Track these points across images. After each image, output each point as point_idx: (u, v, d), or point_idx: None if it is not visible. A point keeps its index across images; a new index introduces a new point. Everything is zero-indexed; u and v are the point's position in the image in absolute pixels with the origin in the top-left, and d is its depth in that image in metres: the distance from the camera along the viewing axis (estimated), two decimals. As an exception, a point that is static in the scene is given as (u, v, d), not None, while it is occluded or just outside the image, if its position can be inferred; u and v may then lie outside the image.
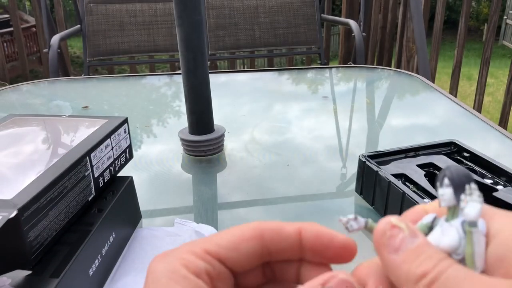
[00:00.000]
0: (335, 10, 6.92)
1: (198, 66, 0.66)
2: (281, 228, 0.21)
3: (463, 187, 0.19)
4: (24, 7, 8.61)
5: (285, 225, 0.22)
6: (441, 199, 0.19)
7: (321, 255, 0.21)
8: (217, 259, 0.20)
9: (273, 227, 0.21)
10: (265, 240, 0.21)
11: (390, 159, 0.57)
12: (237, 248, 0.21)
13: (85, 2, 1.73)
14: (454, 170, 0.19)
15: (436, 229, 0.19)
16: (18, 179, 0.37)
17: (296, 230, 0.21)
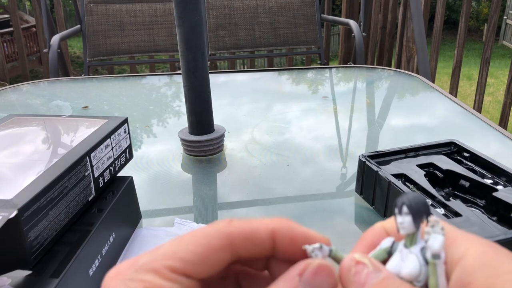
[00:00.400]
0: (335, 10, 6.93)
1: (198, 66, 0.66)
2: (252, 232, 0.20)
3: (422, 215, 0.19)
4: (24, 7, 8.61)
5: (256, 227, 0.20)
6: (400, 226, 0.19)
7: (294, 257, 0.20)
8: (184, 275, 0.19)
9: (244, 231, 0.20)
10: (235, 248, 0.20)
11: (390, 159, 0.57)
12: (205, 262, 0.19)
13: (85, 2, 1.73)
14: (412, 198, 0.19)
15: (396, 255, 0.20)
16: (18, 179, 0.37)
17: (269, 234, 0.20)
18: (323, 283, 0.19)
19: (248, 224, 0.20)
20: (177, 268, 0.18)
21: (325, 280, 0.19)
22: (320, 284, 0.19)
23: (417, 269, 0.18)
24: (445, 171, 0.54)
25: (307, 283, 0.19)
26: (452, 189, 0.53)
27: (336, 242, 0.50)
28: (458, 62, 2.47)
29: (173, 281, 0.18)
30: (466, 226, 0.44)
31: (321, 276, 0.19)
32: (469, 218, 0.45)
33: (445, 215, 0.47)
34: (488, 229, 0.44)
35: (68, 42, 3.53)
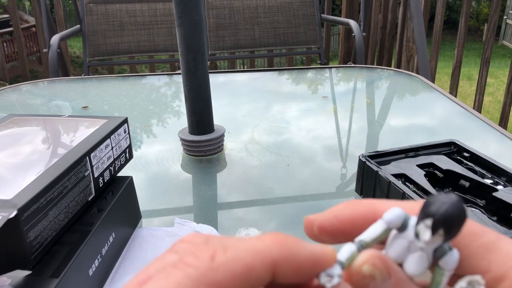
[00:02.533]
0: (335, 10, 6.93)
1: (198, 66, 0.66)
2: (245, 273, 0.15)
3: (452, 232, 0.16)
4: (24, 7, 8.61)
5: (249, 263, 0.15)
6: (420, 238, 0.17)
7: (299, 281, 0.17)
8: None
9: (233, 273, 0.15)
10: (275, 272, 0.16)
11: (390, 159, 0.57)
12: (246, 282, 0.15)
13: (85, 2, 1.73)
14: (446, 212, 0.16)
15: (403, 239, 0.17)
16: (18, 179, 0.37)
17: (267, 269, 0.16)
18: None
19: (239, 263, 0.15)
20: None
21: None
22: None
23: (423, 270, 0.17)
24: (445, 171, 0.54)
25: None
26: (452, 189, 0.53)
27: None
28: (458, 62, 2.47)
29: None
30: (466, 226, 0.44)
31: None
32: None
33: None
34: (488, 229, 0.44)
35: (68, 42, 3.53)
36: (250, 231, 0.50)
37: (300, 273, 0.16)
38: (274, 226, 0.54)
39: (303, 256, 0.16)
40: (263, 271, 0.16)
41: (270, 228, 0.53)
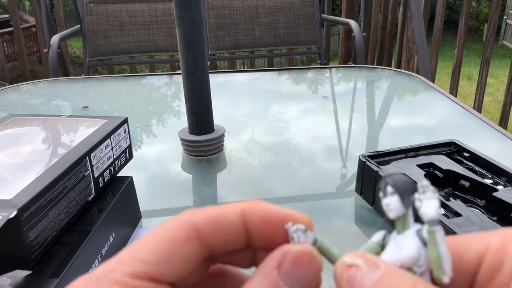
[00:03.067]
0: (335, 10, 6.93)
1: (198, 66, 0.66)
2: (219, 217, 0.17)
3: (409, 192, 0.17)
4: (24, 7, 8.61)
5: (224, 212, 0.17)
6: (388, 209, 0.17)
7: (272, 241, 0.17)
8: (149, 280, 0.16)
9: (211, 218, 0.17)
10: (203, 238, 0.17)
11: (390, 159, 0.57)
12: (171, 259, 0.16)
13: (85, 2, 1.73)
14: (396, 178, 0.17)
15: (390, 245, 0.17)
16: (18, 179, 0.37)
17: (239, 216, 0.17)
18: (306, 272, 0.16)
19: (213, 210, 0.18)
20: (138, 272, 0.16)
21: (308, 268, 0.16)
22: (303, 274, 0.16)
23: (415, 252, 0.16)
24: (445, 171, 0.54)
25: (287, 275, 0.16)
26: (452, 189, 0.53)
27: (336, 242, 0.50)
28: (458, 62, 2.47)
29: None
30: (466, 226, 0.44)
31: (302, 264, 0.16)
32: (469, 218, 0.45)
33: (445, 215, 0.47)
34: (488, 229, 0.44)
35: (68, 42, 3.53)
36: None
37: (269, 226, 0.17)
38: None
39: (270, 210, 0.18)
40: (234, 217, 0.17)
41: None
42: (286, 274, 0.16)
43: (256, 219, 0.17)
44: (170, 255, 0.16)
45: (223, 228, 0.17)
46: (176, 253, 0.16)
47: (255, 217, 0.18)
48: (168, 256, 0.16)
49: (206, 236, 0.17)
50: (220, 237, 0.17)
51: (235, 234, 0.17)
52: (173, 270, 0.16)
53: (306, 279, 0.16)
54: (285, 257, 0.16)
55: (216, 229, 0.17)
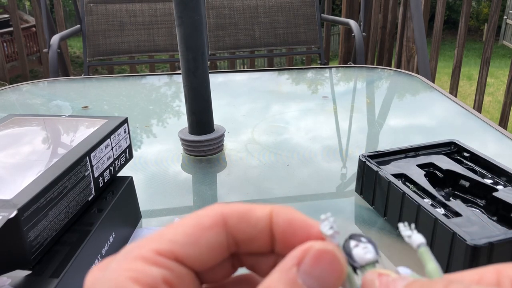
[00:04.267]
0: (335, 10, 6.92)
1: (198, 66, 0.66)
2: (249, 211, 0.17)
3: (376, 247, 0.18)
4: (24, 7, 8.61)
5: (254, 208, 0.18)
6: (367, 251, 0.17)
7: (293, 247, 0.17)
8: (174, 259, 0.16)
9: (239, 211, 0.17)
10: (230, 227, 0.17)
11: (390, 159, 0.57)
12: (196, 242, 0.17)
13: (85, 2, 1.73)
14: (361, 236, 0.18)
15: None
16: (18, 179, 0.37)
17: (267, 214, 0.17)
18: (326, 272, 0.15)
19: (244, 205, 0.18)
20: (164, 250, 0.16)
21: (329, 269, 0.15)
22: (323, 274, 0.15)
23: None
24: (445, 171, 0.54)
25: (306, 274, 0.15)
26: (452, 189, 0.53)
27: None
28: (458, 62, 2.47)
29: (160, 266, 0.16)
30: (466, 226, 0.44)
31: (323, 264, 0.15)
32: (469, 218, 0.45)
33: (445, 215, 0.47)
34: (488, 229, 0.44)
35: (68, 42, 3.53)
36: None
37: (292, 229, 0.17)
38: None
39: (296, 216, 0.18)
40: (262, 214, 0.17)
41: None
42: (305, 273, 0.15)
43: (281, 221, 0.17)
44: (196, 238, 0.17)
45: (249, 221, 0.17)
46: (202, 237, 0.17)
47: (280, 218, 0.17)
48: (194, 239, 0.17)
49: (233, 226, 0.17)
50: (246, 230, 0.17)
51: (260, 230, 0.17)
52: (197, 253, 0.17)
53: (327, 281, 0.16)
54: (306, 254, 0.16)
55: (243, 221, 0.17)
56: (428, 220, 0.45)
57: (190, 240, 0.17)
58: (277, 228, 0.17)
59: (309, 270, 0.15)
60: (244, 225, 0.17)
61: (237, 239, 0.17)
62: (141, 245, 0.16)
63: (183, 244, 0.16)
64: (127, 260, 0.16)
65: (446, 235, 0.42)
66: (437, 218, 0.44)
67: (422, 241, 0.18)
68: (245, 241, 0.18)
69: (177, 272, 0.16)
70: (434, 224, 0.44)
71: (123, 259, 0.16)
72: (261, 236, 0.17)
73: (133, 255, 0.16)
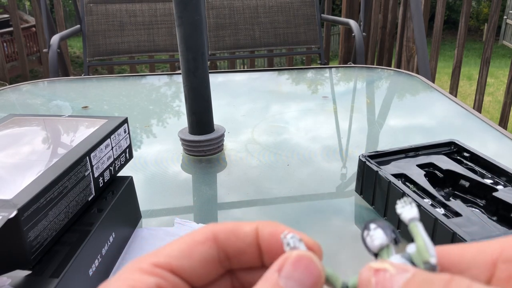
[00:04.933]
0: (335, 10, 6.93)
1: (198, 66, 0.66)
2: (237, 227, 0.20)
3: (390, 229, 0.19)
4: (24, 7, 8.61)
5: (241, 224, 0.20)
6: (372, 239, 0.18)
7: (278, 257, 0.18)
8: (169, 270, 0.18)
9: (228, 227, 0.20)
10: (220, 242, 0.19)
11: (390, 159, 0.57)
12: (190, 255, 0.19)
13: (85, 2, 1.73)
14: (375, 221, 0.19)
15: None
16: (18, 179, 0.37)
17: (253, 229, 0.19)
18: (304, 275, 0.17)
19: (233, 223, 0.20)
20: (160, 262, 0.18)
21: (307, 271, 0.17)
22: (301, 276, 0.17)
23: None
24: (445, 171, 0.54)
25: (287, 278, 0.17)
26: (452, 189, 0.53)
27: (336, 241, 0.50)
28: (458, 62, 2.47)
29: (156, 275, 0.18)
30: (466, 226, 0.44)
31: (301, 267, 0.17)
32: (469, 218, 0.45)
33: (445, 215, 0.47)
34: (488, 229, 0.44)
35: (68, 42, 3.53)
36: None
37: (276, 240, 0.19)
38: (274, 226, 0.54)
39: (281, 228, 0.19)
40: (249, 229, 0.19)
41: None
42: (286, 277, 0.17)
43: (266, 233, 0.19)
44: (189, 252, 0.19)
45: (237, 236, 0.19)
46: (195, 251, 0.19)
47: (265, 231, 0.19)
48: (188, 252, 0.19)
49: (223, 240, 0.19)
50: (235, 244, 0.19)
51: (248, 243, 0.19)
52: (191, 265, 0.18)
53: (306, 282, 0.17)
54: (286, 261, 0.17)
55: (232, 235, 0.19)
56: (428, 220, 0.45)
57: (184, 253, 0.19)
58: (263, 241, 0.19)
59: (289, 274, 0.17)
60: (233, 239, 0.19)
61: (228, 253, 0.19)
62: (140, 260, 0.19)
63: (178, 257, 0.18)
64: (127, 272, 0.18)
65: (446, 235, 0.42)
66: (437, 218, 0.44)
67: (413, 216, 0.18)
68: (235, 255, 0.19)
69: (172, 282, 0.18)
70: (434, 224, 0.44)
71: (123, 272, 0.18)
72: (250, 249, 0.19)
73: (133, 268, 0.18)
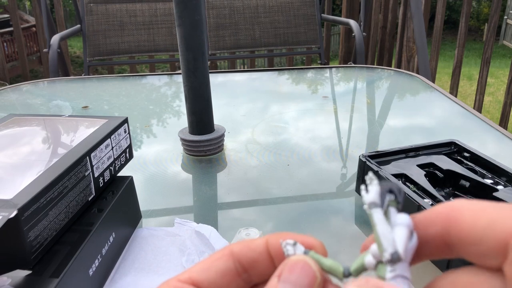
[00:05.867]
0: (335, 10, 6.93)
1: (198, 66, 0.66)
2: (249, 241, 0.22)
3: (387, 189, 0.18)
4: (24, 7, 8.61)
5: (255, 239, 0.22)
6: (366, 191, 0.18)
7: None
8: (191, 283, 0.20)
9: (242, 242, 0.22)
10: (235, 255, 0.21)
11: (390, 159, 0.57)
12: (208, 269, 0.21)
13: (85, 2, 1.73)
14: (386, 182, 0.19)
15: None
16: (18, 179, 0.37)
17: (264, 239, 0.21)
18: (300, 276, 0.19)
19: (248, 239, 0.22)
20: (183, 277, 0.21)
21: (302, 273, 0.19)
22: (297, 278, 0.19)
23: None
24: (446, 171, 0.54)
25: (285, 281, 0.19)
26: (452, 189, 0.53)
27: (336, 241, 0.50)
28: (459, 62, 2.47)
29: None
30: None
31: (297, 270, 0.19)
32: (469, 218, 0.45)
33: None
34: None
35: (68, 42, 3.53)
36: (250, 231, 0.50)
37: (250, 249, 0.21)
38: (274, 226, 0.54)
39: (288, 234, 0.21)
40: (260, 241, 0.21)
41: (269, 228, 0.53)
42: (284, 281, 0.19)
43: (275, 242, 0.21)
44: (208, 266, 0.21)
45: (250, 247, 0.21)
46: (213, 265, 0.21)
47: (274, 239, 0.21)
48: (207, 266, 0.21)
49: (237, 253, 0.21)
50: (248, 254, 0.21)
51: (259, 252, 0.21)
52: (210, 277, 0.20)
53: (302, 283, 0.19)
54: (284, 267, 0.19)
55: (245, 247, 0.21)
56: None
57: (203, 267, 0.21)
58: (273, 249, 0.21)
59: (286, 278, 0.19)
60: (246, 250, 0.21)
61: (243, 264, 0.21)
62: (169, 280, 0.21)
63: (198, 271, 0.21)
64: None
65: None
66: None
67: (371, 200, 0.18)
68: (250, 265, 0.21)
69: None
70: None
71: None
72: (262, 258, 0.21)
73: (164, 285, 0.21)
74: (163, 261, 0.46)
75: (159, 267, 0.45)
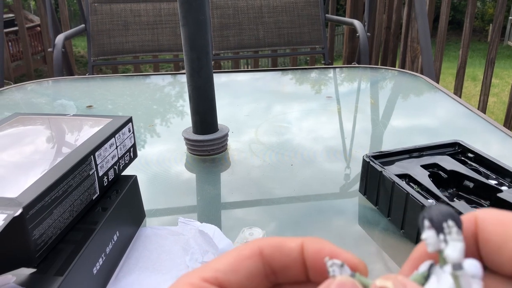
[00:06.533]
0: (339, 10, 6.92)
1: (202, 66, 0.66)
2: (281, 243, 0.20)
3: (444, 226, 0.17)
4: (29, 7, 8.64)
5: (286, 240, 0.20)
6: (427, 243, 0.17)
7: (324, 273, 0.19)
8: (217, 285, 0.19)
9: (273, 242, 0.20)
10: (265, 257, 0.20)
11: (394, 160, 0.57)
12: (237, 269, 0.19)
13: (89, 2, 1.73)
14: (433, 210, 0.17)
15: (432, 279, 0.17)
16: (23, 177, 0.37)
17: (298, 245, 0.20)
18: None
19: (278, 238, 0.20)
20: (209, 276, 0.19)
21: None
22: None
23: None
24: (449, 171, 0.54)
25: None
26: (456, 189, 0.53)
27: (340, 241, 0.50)
28: (463, 63, 2.46)
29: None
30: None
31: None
32: (473, 219, 0.45)
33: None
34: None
35: (72, 41, 3.55)
36: (254, 230, 0.50)
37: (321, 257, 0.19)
38: (277, 226, 0.54)
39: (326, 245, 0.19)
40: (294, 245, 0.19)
41: (273, 228, 0.53)
42: None
43: (311, 250, 0.19)
44: (236, 266, 0.19)
45: (282, 251, 0.20)
46: (241, 265, 0.19)
47: (310, 248, 0.20)
48: (235, 267, 0.19)
49: (268, 255, 0.20)
50: (280, 259, 0.20)
51: (293, 258, 0.20)
52: (238, 279, 0.19)
53: None
54: (329, 285, 0.18)
55: (277, 251, 0.20)
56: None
57: (231, 268, 0.19)
58: (308, 258, 0.19)
59: None
60: (278, 254, 0.20)
61: (273, 268, 0.20)
62: (189, 274, 0.19)
63: (225, 271, 0.19)
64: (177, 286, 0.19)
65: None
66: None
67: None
68: (280, 269, 0.20)
69: None
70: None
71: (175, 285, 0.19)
72: (295, 265, 0.20)
73: (182, 282, 0.19)
74: (166, 260, 0.46)
75: (163, 266, 0.45)
